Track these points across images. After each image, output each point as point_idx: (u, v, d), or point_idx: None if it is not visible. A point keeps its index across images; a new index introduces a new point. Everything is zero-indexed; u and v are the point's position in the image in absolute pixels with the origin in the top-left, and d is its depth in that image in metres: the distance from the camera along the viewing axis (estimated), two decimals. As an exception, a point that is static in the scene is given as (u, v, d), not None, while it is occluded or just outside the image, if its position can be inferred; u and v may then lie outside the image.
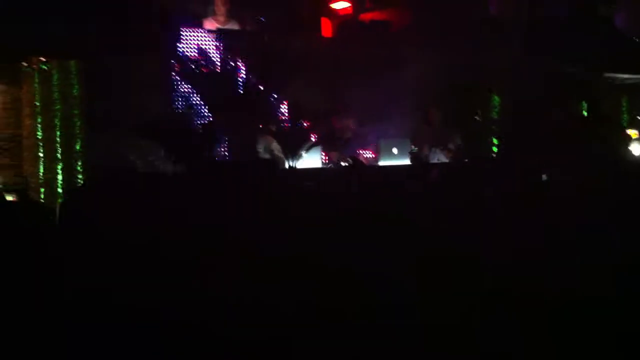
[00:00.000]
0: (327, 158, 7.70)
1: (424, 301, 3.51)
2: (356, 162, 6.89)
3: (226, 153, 6.88)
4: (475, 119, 9.27)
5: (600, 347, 3.22)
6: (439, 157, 7.99)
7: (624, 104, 11.35)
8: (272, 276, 3.64)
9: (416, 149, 7.33)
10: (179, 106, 7.13)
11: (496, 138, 9.63)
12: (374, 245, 3.93)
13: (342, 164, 7.05)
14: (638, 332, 3.29)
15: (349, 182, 5.64)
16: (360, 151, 7.93)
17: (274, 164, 6.40)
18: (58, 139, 7.44)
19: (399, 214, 4.49)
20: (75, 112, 7.36)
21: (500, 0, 8.87)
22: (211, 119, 6.44)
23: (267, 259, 3.80)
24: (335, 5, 9.97)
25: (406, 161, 7.69)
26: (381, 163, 7.53)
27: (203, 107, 6.83)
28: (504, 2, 8.92)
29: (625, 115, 11.27)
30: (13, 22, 6.77)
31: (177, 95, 7.26)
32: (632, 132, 10.92)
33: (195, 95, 7.00)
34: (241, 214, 4.33)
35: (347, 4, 9.86)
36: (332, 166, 7.55)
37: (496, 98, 9.69)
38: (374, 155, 7.97)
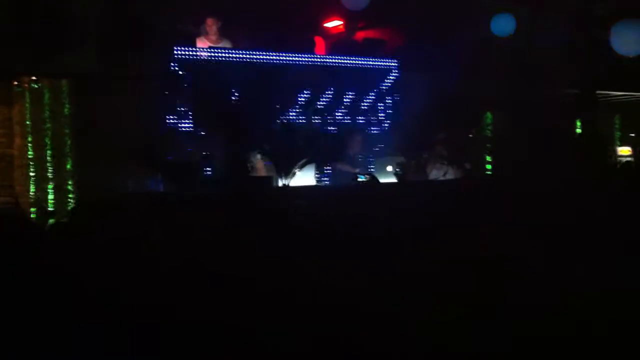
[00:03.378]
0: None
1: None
2: (373, 178, 6.92)
3: (217, 171, 6.82)
4: (469, 137, 9.30)
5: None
6: (445, 175, 8.10)
7: (617, 122, 11.42)
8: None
9: (400, 170, 7.34)
10: (173, 127, 7.07)
11: (489, 156, 9.65)
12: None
13: (359, 179, 7.03)
14: None
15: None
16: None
17: (268, 181, 6.35)
18: (49, 158, 7.36)
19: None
20: (66, 131, 7.28)
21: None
22: (205, 138, 6.39)
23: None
24: (328, 24, 9.98)
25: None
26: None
27: (197, 126, 6.77)
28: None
29: (618, 133, 11.34)
30: (5, 42, 6.73)
31: (172, 116, 7.20)
32: (624, 150, 10.98)
33: (189, 114, 6.95)
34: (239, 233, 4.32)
35: (339, 22, 9.86)
36: (325, 183, 7.53)
37: (489, 116, 9.72)
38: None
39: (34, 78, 7.46)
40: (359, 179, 7.07)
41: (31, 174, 7.60)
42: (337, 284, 3.72)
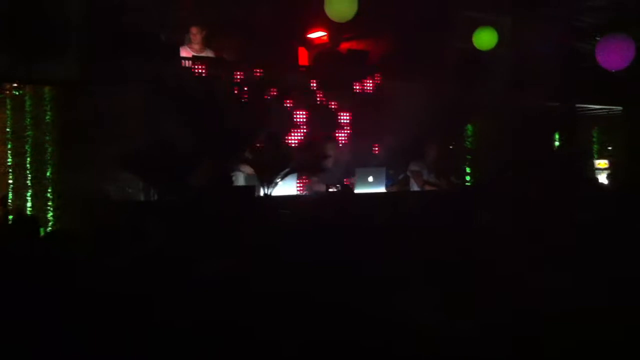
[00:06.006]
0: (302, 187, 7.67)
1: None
2: (344, 188, 6.95)
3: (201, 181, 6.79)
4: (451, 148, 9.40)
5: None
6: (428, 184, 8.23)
7: (595, 135, 11.59)
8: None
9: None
10: (159, 136, 7.02)
11: (469, 167, 9.75)
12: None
13: (330, 189, 7.06)
14: None
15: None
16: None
17: (251, 191, 6.34)
18: (29, 166, 7.29)
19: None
20: (47, 138, 7.22)
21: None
22: (190, 148, 6.37)
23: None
24: (312, 35, 10.01)
25: (381, 189, 7.76)
26: (356, 191, 7.54)
27: (181, 136, 6.75)
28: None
29: (595, 146, 11.50)
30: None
31: (156, 125, 7.15)
32: (602, 162, 11.14)
33: (173, 124, 6.91)
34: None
35: (323, 33, 9.90)
36: (307, 193, 7.53)
37: (470, 128, 9.82)
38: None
39: (15, 85, 7.40)
40: (330, 190, 7.12)
41: (10, 181, 7.54)
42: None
